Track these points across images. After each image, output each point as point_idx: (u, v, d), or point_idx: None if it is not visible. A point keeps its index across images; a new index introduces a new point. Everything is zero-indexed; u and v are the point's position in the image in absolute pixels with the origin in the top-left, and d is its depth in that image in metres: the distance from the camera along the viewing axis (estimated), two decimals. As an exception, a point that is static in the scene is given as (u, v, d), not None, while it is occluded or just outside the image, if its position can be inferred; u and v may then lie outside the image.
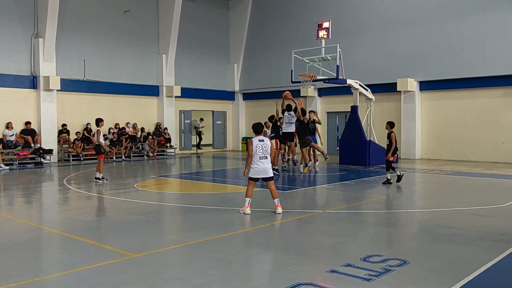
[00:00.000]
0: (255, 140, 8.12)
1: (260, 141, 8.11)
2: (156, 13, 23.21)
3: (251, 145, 8.04)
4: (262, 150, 8.05)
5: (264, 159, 8.06)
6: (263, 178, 8.16)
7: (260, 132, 8.27)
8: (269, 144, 8.15)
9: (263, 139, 8.15)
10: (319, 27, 16.38)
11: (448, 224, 7.20)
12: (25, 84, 18.49)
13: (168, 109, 23.51)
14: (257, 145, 8.07)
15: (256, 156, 8.04)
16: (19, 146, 17.68)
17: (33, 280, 4.70)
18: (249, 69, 26.57)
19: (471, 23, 18.37)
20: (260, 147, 8.06)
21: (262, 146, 8.07)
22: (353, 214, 8.36)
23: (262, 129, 8.36)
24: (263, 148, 8.06)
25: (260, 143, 8.08)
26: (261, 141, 8.11)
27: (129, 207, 9.05)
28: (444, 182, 12.75)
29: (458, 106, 19.18)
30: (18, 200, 10.21)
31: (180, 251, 5.89)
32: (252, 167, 8.08)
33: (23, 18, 18.43)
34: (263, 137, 8.20)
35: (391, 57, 20.49)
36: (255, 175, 8.10)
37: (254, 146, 8.05)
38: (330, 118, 23.75)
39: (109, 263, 5.25)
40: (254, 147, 8.04)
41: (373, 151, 16.88)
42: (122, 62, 21.82)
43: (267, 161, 8.08)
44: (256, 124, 8.41)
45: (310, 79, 15.85)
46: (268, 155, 8.11)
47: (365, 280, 4.59)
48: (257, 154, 8.04)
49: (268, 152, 8.10)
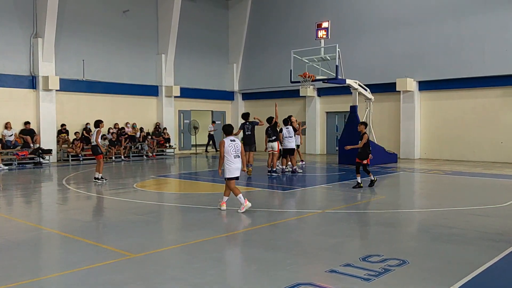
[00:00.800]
0: (227, 140, 8.36)
1: (232, 141, 8.38)
2: (155, 13, 23.21)
3: (223, 145, 8.27)
4: (234, 149, 8.31)
5: (237, 157, 8.33)
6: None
7: (230, 133, 8.58)
8: (240, 144, 8.43)
9: (234, 139, 8.44)
10: (318, 27, 16.38)
11: (447, 224, 7.21)
12: (24, 84, 18.48)
13: (167, 109, 23.51)
14: (230, 144, 8.32)
15: (230, 156, 8.26)
16: (18, 146, 17.66)
17: (33, 280, 4.70)
18: (249, 69, 26.58)
19: (471, 23, 18.38)
20: (232, 146, 8.32)
21: (234, 145, 8.34)
22: (353, 214, 8.37)
23: (232, 130, 8.70)
24: (235, 147, 8.33)
25: (232, 143, 8.36)
26: (232, 141, 8.39)
27: (128, 207, 9.05)
28: (443, 182, 12.76)
29: (457, 106, 19.20)
30: (17, 200, 10.20)
31: (179, 251, 5.89)
32: (227, 167, 8.29)
33: (22, 18, 18.41)
34: (234, 138, 8.49)
35: (390, 57, 20.50)
36: (231, 174, 8.30)
37: (226, 146, 8.27)
38: (329, 118, 23.76)
39: (109, 263, 5.25)
40: (226, 147, 8.27)
41: (373, 151, 16.82)
42: (121, 62, 21.82)
43: (239, 160, 8.35)
44: (226, 125, 8.73)
45: (309, 79, 15.85)
46: (240, 155, 8.38)
47: (365, 280, 4.59)
48: (231, 153, 8.28)
49: (239, 152, 8.37)
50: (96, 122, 12.83)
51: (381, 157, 17.29)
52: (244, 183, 12.73)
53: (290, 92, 23.73)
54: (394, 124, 20.81)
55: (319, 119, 23.74)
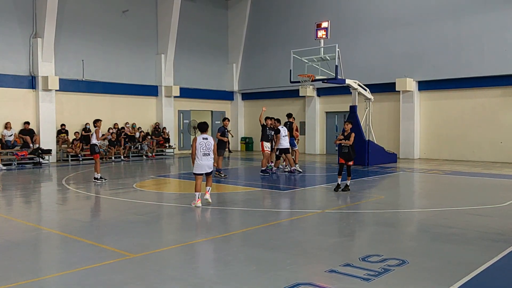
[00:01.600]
0: (199, 138, 8.65)
1: (204, 139, 8.65)
2: (155, 13, 23.20)
3: (195, 142, 8.58)
4: (205, 147, 8.58)
5: (206, 155, 8.61)
6: (205, 173, 8.67)
7: (205, 131, 8.83)
8: (212, 142, 8.67)
9: (207, 137, 8.69)
10: (318, 27, 16.38)
11: (447, 224, 7.21)
12: (23, 84, 18.47)
13: (167, 109, 23.51)
14: (201, 142, 8.60)
15: (199, 153, 8.57)
16: (18, 146, 17.66)
17: (32, 280, 4.70)
18: (248, 69, 26.58)
19: (470, 23, 18.39)
20: (203, 144, 8.59)
21: (205, 144, 8.60)
22: (352, 213, 8.37)
23: (207, 127, 8.90)
24: (206, 145, 8.59)
25: (204, 141, 8.62)
26: (204, 139, 8.65)
27: (128, 207, 9.05)
28: (443, 182, 12.76)
29: (457, 106, 19.21)
30: (16, 200, 10.20)
31: (179, 251, 5.89)
32: (196, 163, 8.63)
33: (21, 18, 18.41)
34: (207, 136, 8.73)
35: (390, 57, 20.51)
36: (198, 170, 8.63)
37: (197, 143, 8.58)
38: (329, 118, 23.77)
39: (108, 263, 5.24)
40: (197, 144, 8.57)
41: (372, 151, 16.89)
42: (120, 62, 21.81)
43: (209, 158, 8.63)
44: (201, 123, 8.98)
45: (309, 79, 15.85)
46: (211, 152, 8.64)
47: (364, 280, 4.59)
48: (200, 151, 8.57)
49: (211, 150, 8.63)
50: (94, 121, 12.86)
51: (380, 157, 17.30)
52: (244, 183, 12.73)
53: (290, 92, 23.74)
54: (394, 124, 20.81)
55: (318, 119, 23.75)
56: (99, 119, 13.02)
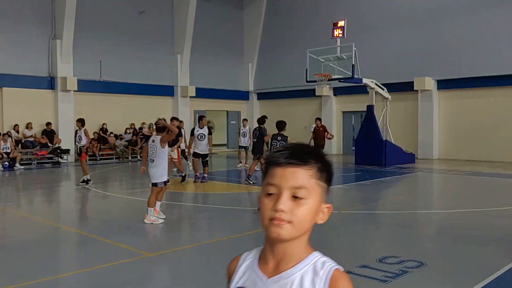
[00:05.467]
0: (150, 140, 7.24)
1: (152, 141, 7.12)
2: (171, 14, 23.34)
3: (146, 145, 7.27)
4: (151, 152, 7.04)
5: (151, 162, 7.05)
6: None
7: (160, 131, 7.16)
8: (158, 146, 6.99)
9: (154, 140, 7.09)
10: (334, 26, 16.26)
11: (466, 226, 7.07)
12: (43, 85, 18.77)
13: (183, 109, 23.61)
14: (150, 145, 7.11)
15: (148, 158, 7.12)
16: (38, 146, 17.96)
17: (50, 278, 4.75)
18: (264, 69, 26.54)
19: (489, 19, 18.02)
20: (150, 148, 7.06)
21: (151, 147, 7.03)
22: (369, 214, 8.27)
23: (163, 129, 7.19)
24: (152, 149, 7.02)
25: (151, 144, 7.07)
26: (152, 141, 7.11)
27: (144, 206, 9.09)
28: (462, 183, 12.54)
29: (477, 105, 18.84)
30: (36, 199, 10.35)
31: (194, 251, 5.89)
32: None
33: (40, 20, 18.70)
34: (155, 137, 7.11)
35: (407, 56, 20.23)
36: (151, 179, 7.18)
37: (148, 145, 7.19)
38: (345, 117, 23.59)
39: (124, 262, 5.27)
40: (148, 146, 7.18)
41: (390, 151, 16.69)
42: (137, 63, 21.98)
43: (152, 164, 7.05)
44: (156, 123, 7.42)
45: (325, 79, 15.75)
46: (155, 159, 6.99)
47: (381, 282, 4.52)
48: (149, 156, 7.10)
49: (155, 155, 6.98)
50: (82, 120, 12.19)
51: (398, 158, 17.08)
52: (258, 183, 12.70)
53: (306, 91, 23.61)
54: (412, 123, 20.54)
55: (335, 119, 23.58)
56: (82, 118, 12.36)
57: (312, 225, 1.28)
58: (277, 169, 1.23)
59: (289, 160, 1.22)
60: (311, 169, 1.23)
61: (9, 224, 7.91)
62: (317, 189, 1.24)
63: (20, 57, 18.18)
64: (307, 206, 1.22)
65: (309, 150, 1.27)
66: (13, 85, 17.92)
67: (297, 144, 1.29)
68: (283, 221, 1.19)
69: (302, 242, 1.27)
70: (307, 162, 1.23)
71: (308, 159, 1.23)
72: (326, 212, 1.30)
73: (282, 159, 1.23)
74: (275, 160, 1.24)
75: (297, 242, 1.25)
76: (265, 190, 1.24)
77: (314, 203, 1.24)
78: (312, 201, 1.23)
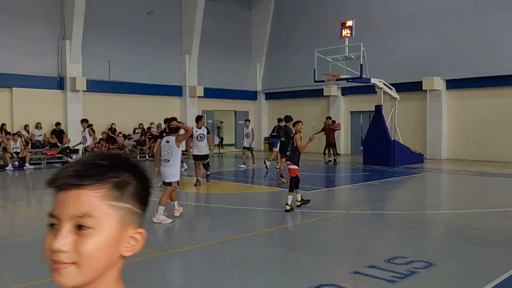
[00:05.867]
0: (163, 140, 7.53)
1: (166, 142, 7.42)
2: (179, 14, 23.42)
3: (158, 145, 7.55)
4: (165, 151, 7.35)
5: (165, 162, 7.34)
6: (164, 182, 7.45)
7: (174, 132, 7.55)
8: (174, 146, 7.32)
9: (169, 140, 7.39)
10: (342, 25, 16.23)
11: (475, 226, 7.03)
12: (52, 85, 18.93)
13: (191, 109, 23.69)
14: (163, 145, 7.42)
15: (162, 158, 7.43)
16: (47, 145, 18.11)
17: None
18: (271, 69, 26.55)
19: (500, 18, 17.88)
20: (164, 148, 7.37)
21: (166, 147, 7.34)
22: (377, 215, 8.25)
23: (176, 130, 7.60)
24: (167, 149, 7.33)
25: (165, 145, 7.39)
26: (166, 142, 7.42)
27: (153, 206, 9.14)
28: (471, 183, 12.46)
29: (486, 105, 18.70)
30: (45, 199, 10.44)
31: (203, 251, 5.92)
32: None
33: (50, 20, 18.87)
34: (170, 138, 7.42)
35: (416, 55, 20.13)
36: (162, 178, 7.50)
37: (161, 145, 7.51)
38: (353, 117, 23.53)
39: (133, 262, 5.31)
40: (161, 146, 7.50)
41: (398, 151, 16.63)
42: (145, 63, 22.10)
43: (167, 164, 7.33)
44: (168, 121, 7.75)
45: (333, 78, 15.74)
46: (171, 158, 7.31)
47: (389, 282, 4.52)
48: (162, 156, 7.41)
49: (171, 155, 7.30)
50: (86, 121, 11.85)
51: (406, 158, 17.01)
52: (267, 183, 12.72)
53: (314, 91, 23.57)
54: (420, 123, 20.43)
55: (343, 119, 23.52)
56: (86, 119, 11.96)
57: (116, 260, 0.95)
58: (59, 193, 0.91)
59: (70, 181, 0.89)
60: (101, 188, 0.90)
61: (19, 224, 8.01)
62: (113, 213, 0.91)
63: (29, 58, 18.35)
64: (96, 238, 0.89)
65: (104, 161, 0.93)
66: (23, 85, 18.10)
67: (90, 155, 0.95)
68: (63, 264, 0.90)
69: (106, 285, 0.95)
70: (96, 180, 0.90)
71: (98, 175, 0.90)
72: (140, 239, 0.98)
73: (61, 180, 0.90)
74: (56, 181, 0.91)
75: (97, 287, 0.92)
76: (48, 221, 0.94)
77: (109, 233, 0.90)
78: (104, 230, 0.90)
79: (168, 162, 7.31)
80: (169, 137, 7.42)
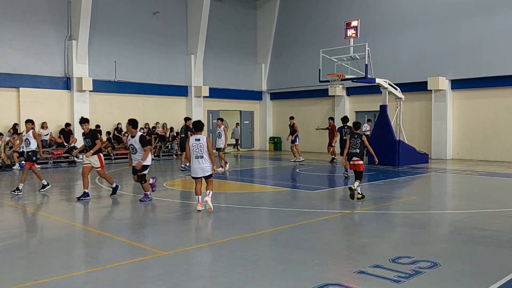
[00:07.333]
0: (192, 139, 8.10)
1: (196, 140, 8.05)
2: (185, 14, 23.50)
3: (188, 143, 8.12)
4: (197, 149, 8.00)
5: (200, 158, 8.02)
6: (202, 176, 8.13)
7: (200, 130, 8.21)
8: (205, 143, 8.03)
9: (199, 138, 8.06)
10: (347, 25, 16.22)
11: (480, 226, 7.02)
12: (59, 85, 19.07)
13: (197, 109, 23.76)
14: (193, 144, 8.03)
15: (192, 156, 8.05)
16: (53, 145, 18.22)
17: (66, 275, 4.85)
18: (277, 69, 26.57)
19: (504, 18, 17.81)
20: (195, 146, 8.01)
21: (198, 145, 8.00)
22: (382, 214, 8.26)
23: (202, 126, 8.27)
24: (198, 147, 8.00)
25: (196, 143, 8.03)
26: (197, 140, 8.05)
27: (159, 205, 9.20)
28: (476, 183, 12.42)
29: (491, 105, 18.64)
30: (52, 198, 10.52)
31: (208, 250, 5.96)
32: (191, 166, 8.21)
33: (56, 21, 18.99)
34: (200, 136, 8.10)
35: (421, 55, 20.09)
36: (192, 174, 8.18)
37: (190, 145, 8.07)
38: (359, 117, 23.48)
39: (139, 260, 5.36)
40: (190, 146, 8.07)
41: (403, 151, 16.60)
42: (151, 63, 22.20)
43: (203, 160, 8.03)
44: (196, 121, 8.38)
45: (338, 79, 15.75)
46: (205, 155, 8.01)
47: (394, 282, 4.53)
48: (193, 153, 8.04)
49: (204, 152, 8.00)
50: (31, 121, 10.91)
51: (411, 158, 16.98)
52: (272, 182, 12.75)
53: (319, 91, 23.59)
54: (425, 123, 20.39)
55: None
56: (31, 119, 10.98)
57: None
58: None
59: None
60: None
61: (27, 222, 8.08)
62: None
63: (36, 58, 18.50)
64: None
65: None
66: (30, 85, 18.26)
67: None
68: None
69: None
70: None
71: None
72: None
73: None
74: None
75: None
76: None
77: None
78: None
79: (202, 158, 8.02)
80: (199, 136, 8.09)
